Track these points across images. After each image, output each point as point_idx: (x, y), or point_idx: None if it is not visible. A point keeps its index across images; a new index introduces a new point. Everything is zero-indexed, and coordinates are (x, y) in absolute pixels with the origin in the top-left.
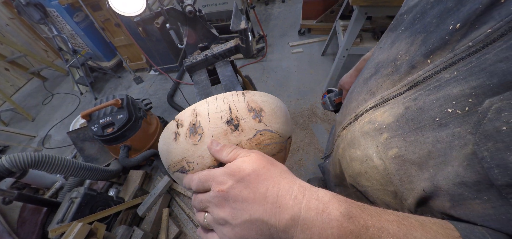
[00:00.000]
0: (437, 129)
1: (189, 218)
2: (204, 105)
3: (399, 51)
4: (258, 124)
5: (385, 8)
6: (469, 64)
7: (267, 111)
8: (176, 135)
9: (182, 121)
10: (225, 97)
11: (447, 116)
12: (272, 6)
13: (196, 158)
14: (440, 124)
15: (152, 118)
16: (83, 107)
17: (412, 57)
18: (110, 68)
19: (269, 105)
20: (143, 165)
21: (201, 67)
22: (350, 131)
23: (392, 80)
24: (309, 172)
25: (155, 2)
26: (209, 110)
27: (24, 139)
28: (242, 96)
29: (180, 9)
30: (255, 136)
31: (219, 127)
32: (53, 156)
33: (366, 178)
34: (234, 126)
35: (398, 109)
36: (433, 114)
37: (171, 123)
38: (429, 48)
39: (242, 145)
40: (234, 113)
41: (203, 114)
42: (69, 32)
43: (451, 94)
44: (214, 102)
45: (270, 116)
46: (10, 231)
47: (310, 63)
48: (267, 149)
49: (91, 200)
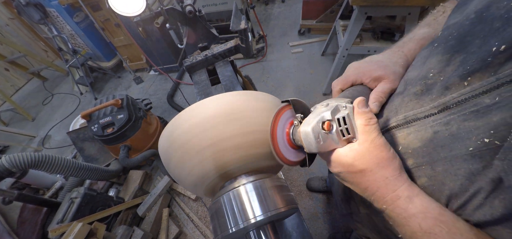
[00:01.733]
0: (470, 160)
1: (189, 218)
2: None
3: (430, 69)
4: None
5: (385, 8)
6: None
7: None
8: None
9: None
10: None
11: (483, 146)
12: (272, 6)
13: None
14: (474, 156)
15: (152, 118)
16: (83, 107)
17: (447, 78)
18: (110, 68)
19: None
20: (143, 165)
21: (201, 67)
22: None
23: (420, 100)
24: (309, 172)
25: (155, 2)
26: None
27: (24, 139)
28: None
29: (180, 9)
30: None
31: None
32: (53, 156)
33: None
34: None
35: (425, 132)
36: (467, 143)
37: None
38: (468, 70)
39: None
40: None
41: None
42: (69, 32)
43: (489, 121)
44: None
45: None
46: (10, 231)
47: (310, 63)
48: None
49: (91, 200)
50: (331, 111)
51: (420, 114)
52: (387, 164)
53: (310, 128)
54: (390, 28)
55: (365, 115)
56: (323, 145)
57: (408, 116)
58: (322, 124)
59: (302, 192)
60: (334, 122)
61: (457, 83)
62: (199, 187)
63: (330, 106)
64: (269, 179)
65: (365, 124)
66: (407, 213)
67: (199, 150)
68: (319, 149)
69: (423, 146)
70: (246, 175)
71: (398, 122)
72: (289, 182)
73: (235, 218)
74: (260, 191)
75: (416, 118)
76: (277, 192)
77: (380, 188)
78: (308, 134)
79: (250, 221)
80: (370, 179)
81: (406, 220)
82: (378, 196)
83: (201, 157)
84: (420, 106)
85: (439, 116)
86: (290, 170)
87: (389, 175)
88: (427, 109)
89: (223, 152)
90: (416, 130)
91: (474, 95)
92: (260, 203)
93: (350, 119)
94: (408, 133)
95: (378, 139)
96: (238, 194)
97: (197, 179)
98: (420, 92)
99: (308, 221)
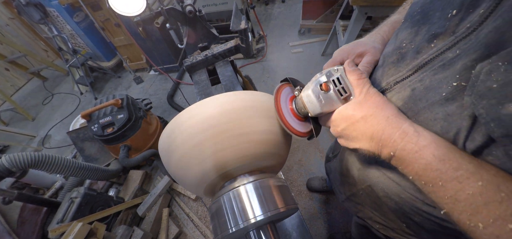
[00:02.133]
0: (445, 103)
1: (189, 218)
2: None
3: (403, 40)
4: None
5: (385, 8)
6: (468, 41)
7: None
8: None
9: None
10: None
11: (453, 90)
12: (272, 6)
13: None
14: (447, 99)
15: (152, 118)
16: (83, 107)
17: (417, 44)
18: (110, 68)
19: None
20: (143, 165)
21: (201, 67)
22: None
23: (397, 67)
24: (309, 172)
25: (155, 2)
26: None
27: (24, 139)
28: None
29: (180, 9)
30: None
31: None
32: (53, 156)
33: (376, 167)
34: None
35: (404, 92)
36: (440, 90)
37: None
38: (433, 34)
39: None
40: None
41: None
42: (69, 32)
43: (454, 69)
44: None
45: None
46: (10, 231)
47: (310, 63)
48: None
49: (91, 200)
50: (326, 74)
51: (398, 78)
52: (385, 106)
53: (310, 90)
54: None
55: (356, 72)
56: (325, 105)
57: (390, 82)
58: (320, 87)
59: (302, 192)
60: (330, 83)
61: (426, 46)
62: (199, 187)
63: (324, 71)
64: (269, 179)
65: (358, 79)
66: (418, 146)
67: (199, 150)
68: (322, 109)
69: (404, 104)
70: (246, 175)
71: (382, 89)
72: (289, 182)
73: (235, 218)
74: (260, 191)
75: (395, 82)
76: (277, 192)
77: (386, 129)
78: (309, 95)
79: (250, 221)
80: (373, 122)
81: (418, 153)
82: (385, 138)
83: (201, 157)
84: (398, 72)
85: (414, 76)
86: (290, 170)
87: (389, 115)
88: (404, 73)
89: (223, 152)
90: (397, 92)
91: (440, 53)
92: (260, 203)
93: (343, 78)
94: (391, 96)
95: (372, 89)
96: (238, 194)
97: (197, 179)
98: (396, 60)
99: (308, 221)
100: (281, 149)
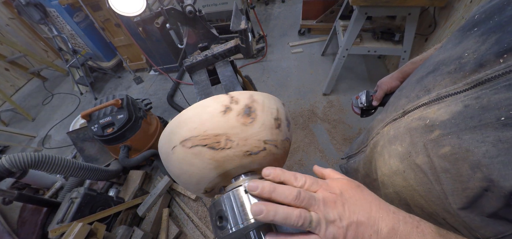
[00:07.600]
0: (500, 129)
1: (189, 218)
2: (260, 96)
3: (466, 49)
4: (288, 132)
5: (385, 8)
6: None
7: (291, 124)
8: (227, 109)
9: (237, 99)
10: (274, 99)
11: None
12: (272, 6)
13: (239, 139)
14: (505, 124)
15: (152, 118)
16: (83, 107)
17: (481, 55)
18: (110, 68)
19: (291, 119)
20: (143, 165)
21: (201, 67)
22: (394, 127)
23: (453, 78)
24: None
25: (155, 2)
26: (265, 102)
27: (24, 139)
28: (283, 106)
29: (180, 9)
30: (284, 140)
31: (269, 120)
32: (53, 156)
33: (403, 177)
34: (278, 125)
35: (455, 106)
36: (498, 113)
37: (221, 96)
38: (504, 48)
39: (278, 143)
40: (280, 114)
41: (260, 102)
42: (69, 32)
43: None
44: (268, 98)
45: (292, 128)
46: (10, 231)
47: (310, 63)
48: (284, 151)
49: (91, 200)
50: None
51: (452, 90)
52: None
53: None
54: (390, 28)
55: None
56: None
57: (441, 93)
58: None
59: None
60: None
61: (492, 60)
62: (199, 187)
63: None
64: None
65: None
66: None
67: (199, 150)
68: None
69: (451, 119)
70: (246, 175)
71: (430, 99)
72: None
73: (235, 218)
74: None
75: (448, 94)
76: None
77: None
78: None
79: (250, 221)
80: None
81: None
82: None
83: (201, 157)
84: (453, 84)
85: (470, 91)
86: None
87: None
88: (459, 86)
89: (223, 151)
90: (447, 105)
91: (508, 71)
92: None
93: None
94: (439, 108)
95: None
96: (238, 194)
97: (197, 179)
98: (453, 70)
99: None
100: (281, 149)
